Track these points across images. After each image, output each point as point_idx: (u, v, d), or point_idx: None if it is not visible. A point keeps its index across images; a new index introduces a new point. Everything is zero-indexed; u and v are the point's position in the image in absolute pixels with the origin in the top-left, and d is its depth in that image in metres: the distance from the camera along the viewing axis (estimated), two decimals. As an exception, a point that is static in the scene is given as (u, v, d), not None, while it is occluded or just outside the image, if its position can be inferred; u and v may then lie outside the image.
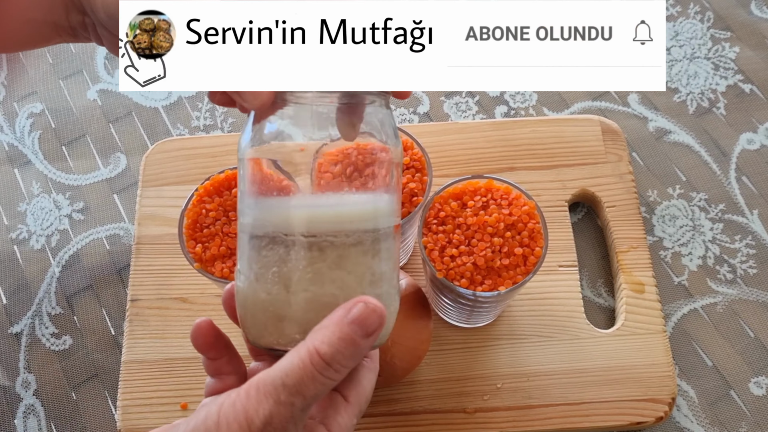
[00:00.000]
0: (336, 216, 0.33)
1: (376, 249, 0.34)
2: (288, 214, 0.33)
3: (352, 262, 0.33)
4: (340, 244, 0.33)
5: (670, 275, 0.57)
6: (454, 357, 0.53)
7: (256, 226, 0.34)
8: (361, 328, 0.31)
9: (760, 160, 0.61)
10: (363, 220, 0.34)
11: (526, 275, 0.44)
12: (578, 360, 0.53)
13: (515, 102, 0.65)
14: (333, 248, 0.33)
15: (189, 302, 0.55)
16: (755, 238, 0.58)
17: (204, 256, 0.45)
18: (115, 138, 0.65)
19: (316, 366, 0.30)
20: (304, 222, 0.33)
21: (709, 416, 0.53)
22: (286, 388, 0.30)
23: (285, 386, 0.30)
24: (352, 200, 0.36)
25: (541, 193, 0.58)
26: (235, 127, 0.65)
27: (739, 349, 0.55)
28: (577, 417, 0.51)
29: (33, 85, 0.68)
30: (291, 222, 0.33)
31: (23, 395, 0.55)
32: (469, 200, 0.45)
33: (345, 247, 0.33)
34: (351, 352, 0.31)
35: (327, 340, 0.31)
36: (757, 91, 0.64)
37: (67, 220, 0.62)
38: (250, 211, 0.34)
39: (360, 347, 0.31)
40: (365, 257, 0.34)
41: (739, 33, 0.67)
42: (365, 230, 0.34)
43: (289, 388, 0.30)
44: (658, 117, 0.64)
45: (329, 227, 0.33)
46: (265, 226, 0.33)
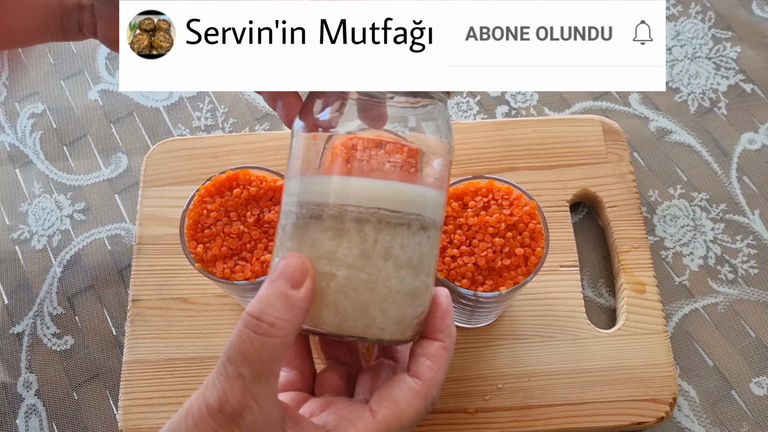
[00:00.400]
0: (389, 193, 0.34)
1: (421, 235, 0.35)
2: (346, 187, 0.34)
3: (399, 242, 0.34)
4: (389, 221, 0.34)
5: (671, 275, 0.57)
6: (455, 357, 0.53)
7: (311, 202, 0.34)
8: (285, 278, 0.31)
9: (761, 159, 0.61)
10: (412, 202, 0.34)
11: (527, 275, 0.44)
12: (579, 360, 0.53)
13: (516, 102, 0.65)
14: (379, 225, 0.34)
15: (190, 302, 0.55)
16: (756, 238, 0.58)
17: (205, 257, 0.45)
18: (117, 138, 0.65)
19: (248, 326, 0.30)
20: (362, 195, 0.34)
21: (710, 416, 0.53)
22: (231, 360, 0.31)
23: (229, 359, 0.31)
24: (403, 185, 0.36)
25: (542, 193, 0.58)
26: (236, 127, 0.65)
27: (740, 349, 0.55)
28: (578, 417, 0.51)
29: (34, 86, 0.68)
30: (347, 193, 0.34)
31: (25, 395, 0.56)
32: (470, 200, 0.46)
33: (393, 226, 0.34)
34: (281, 303, 0.31)
35: (255, 299, 0.31)
36: (758, 91, 0.64)
37: (68, 220, 0.62)
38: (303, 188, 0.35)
39: (291, 298, 0.31)
40: (412, 239, 0.34)
41: (740, 33, 0.67)
42: (413, 213, 0.34)
43: (232, 360, 0.31)
44: (659, 117, 0.64)
45: (382, 204, 0.34)
46: (318, 199, 0.34)
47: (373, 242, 0.33)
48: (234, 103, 0.66)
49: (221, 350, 0.54)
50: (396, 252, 0.34)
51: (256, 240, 0.45)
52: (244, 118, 0.65)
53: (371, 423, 0.33)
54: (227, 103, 0.66)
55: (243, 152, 0.61)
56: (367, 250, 0.33)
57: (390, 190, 0.34)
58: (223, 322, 0.55)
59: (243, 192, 0.46)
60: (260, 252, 0.45)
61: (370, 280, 0.33)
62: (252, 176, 0.47)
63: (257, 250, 0.45)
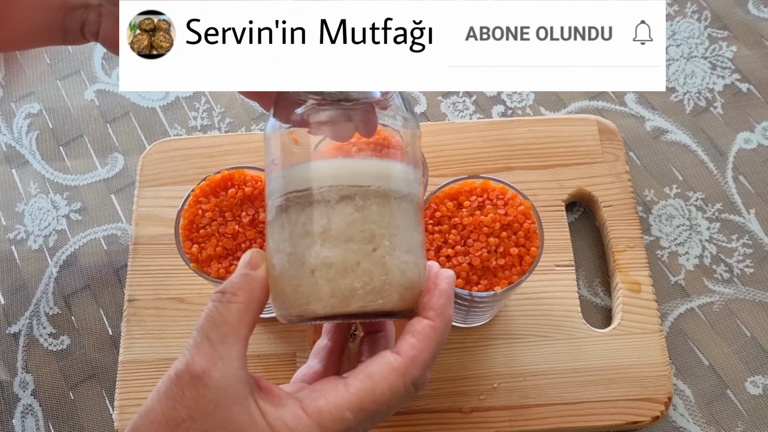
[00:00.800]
0: (398, 172, 0.35)
1: (393, 210, 0.35)
2: (310, 171, 0.35)
3: (408, 217, 0.35)
4: (398, 197, 0.35)
5: (666, 275, 0.57)
6: (451, 357, 0.53)
7: (282, 191, 0.36)
8: (243, 265, 0.35)
9: (757, 159, 0.62)
10: (377, 177, 0.35)
11: (522, 275, 0.44)
12: (575, 359, 0.53)
13: (512, 101, 0.65)
14: (393, 200, 0.35)
15: (186, 302, 0.55)
16: (752, 238, 0.58)
17: (200, 257, 0.45)
18: (113, 138, 0.65)
19: (214, 299, 0.34)
20: (372, 172, 0.35)
21: (706, 415, 0.53)
22: (199, 330, 0.33)
23: (198, 330, 0.33)
24: (366, 160, 0.37)
25: (538, 192, 0.58)
26: (232, 127, 0.65)
27: (736, 349, 0.55)
28: (573, 416, 0.51)
29: (30, 86, 0.68)
30: (314, 176, 0.35)
31: (21, 395, 0.56)
32: (465, 200, 0.46)
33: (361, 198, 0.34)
34: (242, 279, 0.34)
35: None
36: (754, 91, 0.64)
37: (64, 220, 0.62)
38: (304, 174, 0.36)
39: (250, 275, 0.34)
40: (415, 218, 0.36)
41: (736, 32, 0.67)
42: (381, 187, 0.35)
43: (201, 329, 0.33)
44: (655, 116, 0.64)
45: (394, 183, 0.35)
46: (288, 187, 0.35)
47: (348, 216, 0.34)
48: (230, 103, 0.66)
49: (217, 350, 0.54)
50: (371, 225, 0.34)
51: (251, 240, 0.45)
52: (240, 118, 0.65)
53: (342, 395, 0.32)
54: (224, 103, 0.66)
55: (239, 152, 0.61)
56: (349, 226, 0.34)
57: (355, 166, 0.35)
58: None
59: (238, 192, 0.46)
60: (255, 252, 0.45)
61: (348, 257, 0.34)
62: (247, 176, 0.47)
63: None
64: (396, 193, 0.35)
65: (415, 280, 0.35)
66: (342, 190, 0.34)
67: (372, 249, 0.34)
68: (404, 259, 0.35)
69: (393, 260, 0.34)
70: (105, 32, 0.46)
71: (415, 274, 0.35)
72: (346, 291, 0.34)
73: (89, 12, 0.46)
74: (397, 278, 0.34)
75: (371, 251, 0.34)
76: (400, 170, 0.36)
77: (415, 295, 0.35)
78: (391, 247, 0.34)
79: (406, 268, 0.35)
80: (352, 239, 0.34)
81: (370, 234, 0.34)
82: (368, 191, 0.34)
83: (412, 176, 0.37)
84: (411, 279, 0.35)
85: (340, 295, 0.34)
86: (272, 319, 0.54)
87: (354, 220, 0.34)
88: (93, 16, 0.46)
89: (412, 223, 0.36)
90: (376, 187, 0.34)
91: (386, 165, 0.35)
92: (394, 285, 0.34)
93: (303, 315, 0.35)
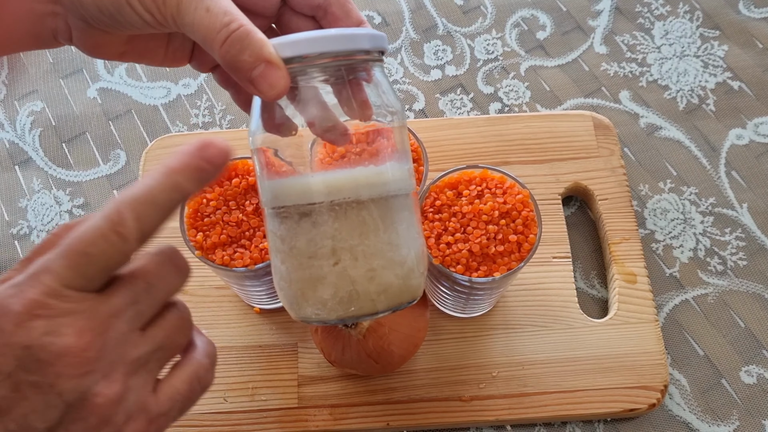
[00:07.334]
0: (348, 181, 0.35)
1: (392, 214, 0.36)
2: (307, 185, 0.35)
3: (372, 225, 0.35)
4: (355, 206, 0.35)
5: (662, 267, 0.58)
6: (451, 346, 0.54)
7: (276, 204, 0.36)
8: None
9: (749, 154, 0.63)
10: (374, 184, 0.35)
11: (521, 262, 0.45)
12: (572, 349, 0.53)
13: (509, 99, 0.66)
14: (349, 211, 0.35)
15: (189, 294, 0.56)
16: (745, 231, 0.60)
17: (205, 244, 0.45)
18: (115, 135, 0.66)
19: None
20: (322, 189, 0.35)
21: (701, 404, 0.54)
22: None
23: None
24: (361, 169, 0.37)
25: (535, 186, 0.59)
26: (233, 124, 0.66)
27: (730, 339, 0.56)
28: (571, 404, 0.52)
29: (33, 84, 0.69)
30: (311, 191, 0.35)
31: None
32: (464, 189, 0.46)
33: (360, 208, 0.35)
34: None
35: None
36: (745, 88, 0.66)
37: (67, 215, 0.62)
38: (269, 193, 0.36)
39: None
40: (383, 222, 0.35)
41: (727, 32, 0.69)
42: (380, 194, 0.35)
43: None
44: (649, 113, 0.65)
45: (345, 193, 0.35)
46: (284, 201, 0.36)
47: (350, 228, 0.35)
48: (231, 100, 0.66)
49: (220, 341, 0.54)
50: (372, 232, 0.35)
51: (254, 228, 0.46)
52: (241, 115, 0.66)
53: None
54: (225, 101, 0.67)
55: (240, 148, 0.60)
56: (309, 244, 0.35)
57: (348, 177, 0.35)
58: (221, 314, 0.55)
59: (242, 181, 0.47)
60: (259, 239, 0.45)
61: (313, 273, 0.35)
62: (250, 166, 0.48)
63: (256, 238, 0.45)
64: (371, 198, 0.35)
65: (389, 282, 0.36)
66: (299, 208, 0.35)
67: (333, 263, 0.35)
68: (371, 266, 0.35)
69: (357, 270, 0.35)
70: (77, 41, 0.45)
71: (390, 275, 0.36)
72: (318, 303, 0.35)
73: (57, 20, 0.45)
74: (364, 287, 0.35)
75: (332, 266, 0.35)
76: (373, 174, 0.36)
77: (394, 294, 0.36)
78: (353, 258, 0.35)
79: (374, 275, 0.35)
80: (315, 255, 0.35)
81: (330, 249, 0.35)
82: (322, 207, 0.35)
83: (398, 173, 0.37)
84: (383, 283, 0.35)
85: (315, 306, 0.35)
86: (274, 310, 0.55)
87: (312, 237, 0.35)
88: (62, 24, 0.45)
89: (393, 221, 0.36)
90: (342, 199, 0.35)
91: (354, 175, 0.35)
92: (362, 293, 0.35)
93: (294, 317, 0.37)
